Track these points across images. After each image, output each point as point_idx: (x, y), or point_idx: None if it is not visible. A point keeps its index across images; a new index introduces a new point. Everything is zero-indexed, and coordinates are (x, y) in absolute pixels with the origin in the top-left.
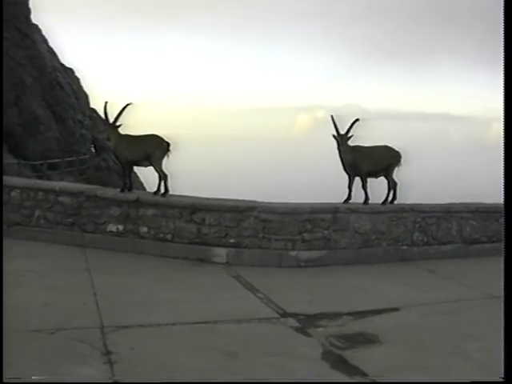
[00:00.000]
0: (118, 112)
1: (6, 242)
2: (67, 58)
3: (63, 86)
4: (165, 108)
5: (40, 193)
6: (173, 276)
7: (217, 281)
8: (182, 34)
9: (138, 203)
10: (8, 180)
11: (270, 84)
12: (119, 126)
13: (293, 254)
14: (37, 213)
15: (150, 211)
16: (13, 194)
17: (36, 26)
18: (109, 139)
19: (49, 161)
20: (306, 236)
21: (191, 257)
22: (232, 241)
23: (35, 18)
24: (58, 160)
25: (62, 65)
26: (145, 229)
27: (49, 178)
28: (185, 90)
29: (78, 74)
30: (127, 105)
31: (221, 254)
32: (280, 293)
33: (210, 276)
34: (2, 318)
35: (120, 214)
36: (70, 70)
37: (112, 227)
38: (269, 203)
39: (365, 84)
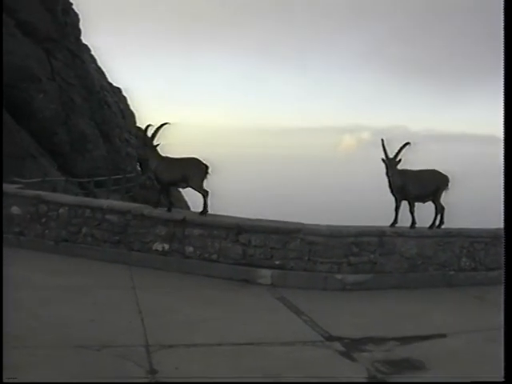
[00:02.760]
0: (153, 131)
1: (53, 258)
2: (115, 77)
3: (111, 105)
4: (210, 128)
5: (87, 210)
6: (218, 296)
7: (261, 302)
8: (224, 53)
9: (184, 223)
10: (57, 197)
11: (313, 104)
12: (157, 145)
13: (338, 277)
14: (84, 230)
15: (196, 231)
16: (61, 210)
17: (86, 46)
18: (147, 160)
19: (96, 178)
20: (352, 259)
21: (236, 277)
22: (277, 262)
23: (85, 39)
24: (104, 178)
25: (110, 84)
26: (190, 248)
27: (95, 196)
28: (229, 109)
29: (125, 94)
30: (163, 124)
31: (266, 275)
32: (325, 316)
33: (254, 297)
34: (1, 319)
35: (166, 233)
36: (118, 89)
37: (158, 246)
38: (315, 225)
39: (410, 105)
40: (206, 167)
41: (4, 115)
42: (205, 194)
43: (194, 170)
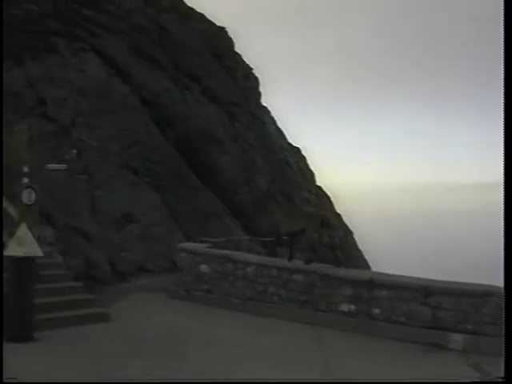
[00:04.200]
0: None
1: (240, 316)
2: (294, 136)
3: (291, 164)
4: (380, 185)
5: (274, 270)
6: (408, 361)
7: (453, 369)
8: (395, 105)
9: (370, 283)
10: (243, 256)
11: (482, 157)
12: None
13: None
14: (270, 289)
15: (383, 292)
16: (248, 270)
17: (265, 108)
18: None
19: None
20: None
21: (425, 341)
22: (469, 327)
23: (265, 101)
24: (285, 237)
25: (289, 144)
26: (377, 310)
27: (277, 255)
28: (394, 165)
29: (304, 153)
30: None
31: (457, 340)
32: None
33: (444, 363)
34: (2, 321)
35: (352, 293)
36: (297, 148)
37: (344, 307)
38: None
39: None
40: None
41: (191, 176)
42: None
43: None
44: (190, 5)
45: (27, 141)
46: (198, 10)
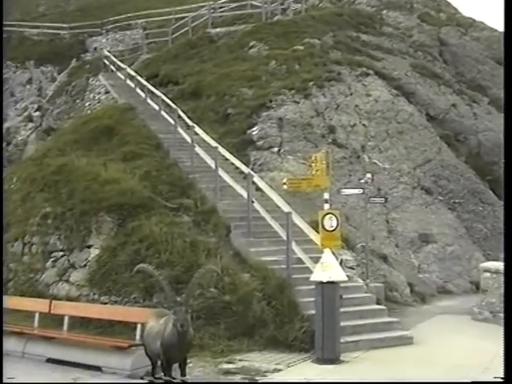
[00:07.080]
0: None
1: None
2: None
3: None
4: None
5: None
6: None
7: None
8: None
9: None
10: None
11: None
12: None
13: None
14: None
15: None
16: None
17: None
18: None
19: None
20: None
21: None
22: None
23: None
24: None
25: None
26: None
27: None
28: None
29: None
30: None
31: None
32: None
33: None
34: (2, 319)
35: None
36: None
37: None
38: None
39: None
40: None
41: (486, 192)
42: None
43: None
44: (468, 15)
45: (327, 167)
46: (477, 19)
